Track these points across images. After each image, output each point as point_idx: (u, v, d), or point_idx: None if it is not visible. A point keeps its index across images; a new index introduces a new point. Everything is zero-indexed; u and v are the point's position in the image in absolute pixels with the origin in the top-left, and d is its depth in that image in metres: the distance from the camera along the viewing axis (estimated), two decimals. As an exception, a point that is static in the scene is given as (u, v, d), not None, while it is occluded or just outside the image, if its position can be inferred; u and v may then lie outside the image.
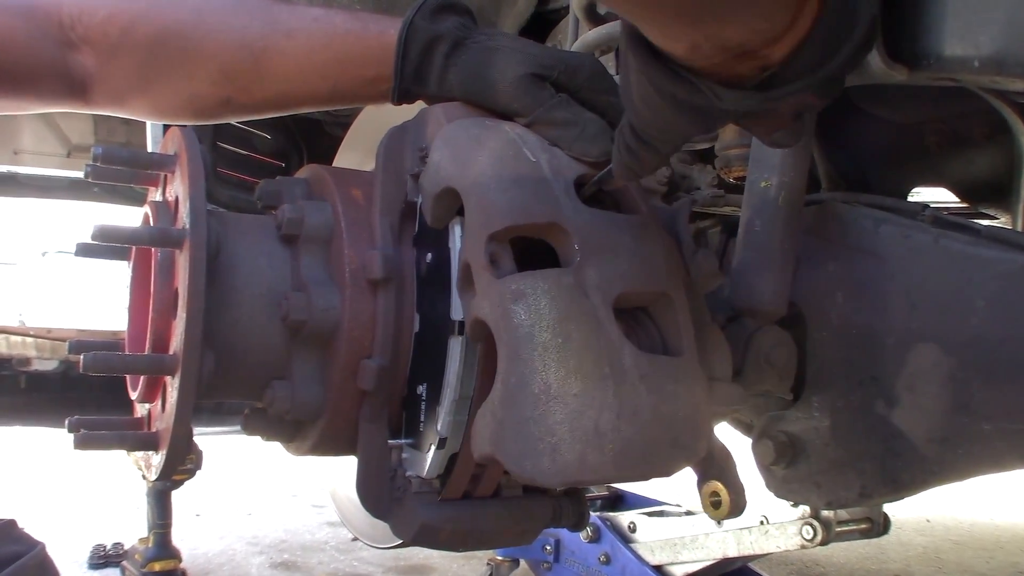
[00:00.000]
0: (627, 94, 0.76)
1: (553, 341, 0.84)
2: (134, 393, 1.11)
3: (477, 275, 0.89)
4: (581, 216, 0.91)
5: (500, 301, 0.86)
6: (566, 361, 0.84)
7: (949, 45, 1.06)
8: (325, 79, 1.11)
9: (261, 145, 2.47)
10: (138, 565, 2.86)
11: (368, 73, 1.09)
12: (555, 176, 0.93)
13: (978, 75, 1.04)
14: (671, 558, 2.38)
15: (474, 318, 0.90)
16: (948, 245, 1.12)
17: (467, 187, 0.92)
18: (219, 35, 1.10)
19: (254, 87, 1.12)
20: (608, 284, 0.89)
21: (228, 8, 1.12)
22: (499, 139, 0.95)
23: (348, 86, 1.11)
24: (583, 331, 0.85)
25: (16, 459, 5.08)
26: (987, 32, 1.01)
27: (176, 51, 1.10)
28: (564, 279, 0.87)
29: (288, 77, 1.11)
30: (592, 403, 0.83)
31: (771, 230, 1.16)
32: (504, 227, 0.88)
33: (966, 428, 1.10)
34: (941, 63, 1.07)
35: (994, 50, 1.01)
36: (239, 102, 1.14)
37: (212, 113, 1.16)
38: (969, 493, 4.13)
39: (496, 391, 0.86)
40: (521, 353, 0.84)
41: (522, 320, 0.85)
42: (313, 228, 1.05)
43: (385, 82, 1.08)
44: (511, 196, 0.90)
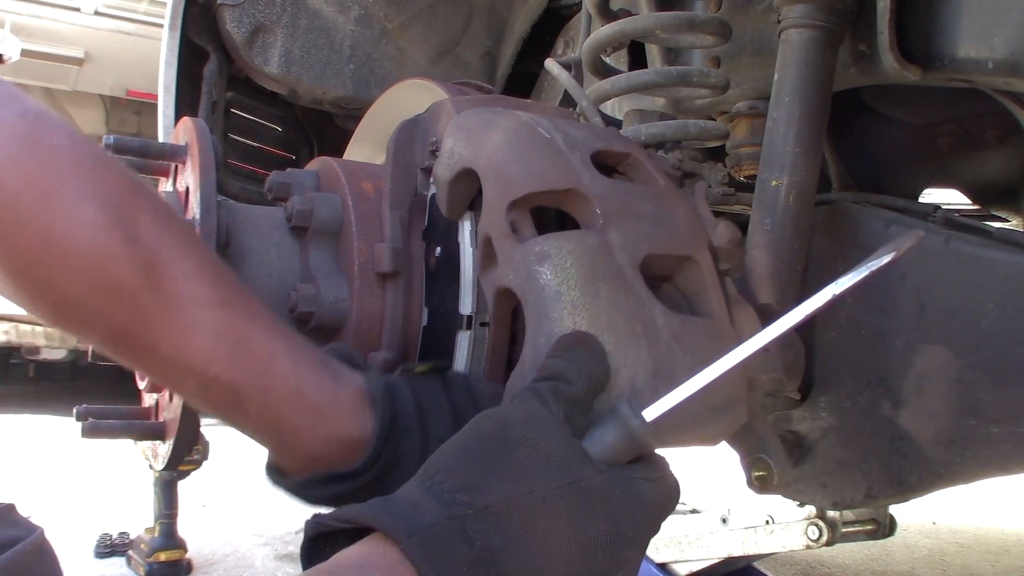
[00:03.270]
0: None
1: (582, 299, 0.81)
2: (142, 383, 1.11)
3: (499, 244, 0.87)
4: (600, 183, 0.89)
5: (525, 263, 0.83)
6: (598, 318, 0.80)
7: (963, 47, 1.05)
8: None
9: (271, 137, 2.48)
10: (144, 555, 2.87)
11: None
12: (571, 149, 0.91)
13: (992, 77, 1.04)
14: (676, 556, 2.38)
15: (498, 288, 0.87)
16: (959, 247, 1.12)
17: (483, 164, 0.90)
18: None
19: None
20: (633, 246, 0.86)
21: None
22: (512, 120, 0.94)
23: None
24: (612, 289, 0.82)
25: (24, 447, 5.10)
26: (1001, 34, 1.01)
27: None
28: (589, 240, 0.84)
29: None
30: (627, 361, 0.80)
31: (781, 229, 1.16)
32: (523, 194, 0.87)
33: (974, 431, 1.10)
34: (955, 64, 1.07)
35: (1008, 52, 1.00)
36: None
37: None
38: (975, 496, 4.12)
39: (526, 354, 0.83)
40: (550, 312, 0.81)
41: (548, 280, 0.82)
42: (323, 220, 1.05)
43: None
44: (528, 165, 0.88)
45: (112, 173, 0.81)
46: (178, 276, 0.80)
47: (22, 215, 0.76)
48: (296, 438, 0.85)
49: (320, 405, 0.85)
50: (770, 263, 1.16)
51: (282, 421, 0.84)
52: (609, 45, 1.38)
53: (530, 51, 2.31)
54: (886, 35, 1.09)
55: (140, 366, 0.87)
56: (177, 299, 0.80)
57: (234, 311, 0.83)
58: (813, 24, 1.13)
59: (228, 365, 0.82)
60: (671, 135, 1.40)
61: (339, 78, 2.22)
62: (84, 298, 0.79)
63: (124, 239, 0.78)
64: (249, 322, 0.84)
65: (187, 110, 2.10)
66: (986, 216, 1.89)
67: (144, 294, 0.79)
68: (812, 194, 1.18)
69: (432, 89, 1.17)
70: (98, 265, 0.78)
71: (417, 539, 0.62)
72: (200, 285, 0.81)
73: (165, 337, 0.80)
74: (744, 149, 1.46)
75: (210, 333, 0.81)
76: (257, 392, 0.83)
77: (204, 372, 0.81)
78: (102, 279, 0.78)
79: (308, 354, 0.87)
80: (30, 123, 0.78)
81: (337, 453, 0.85)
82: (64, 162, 0.78)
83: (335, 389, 0.86)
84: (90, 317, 0.80)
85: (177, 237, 0.82)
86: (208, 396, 0.84)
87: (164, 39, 2.10)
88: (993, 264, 1.09)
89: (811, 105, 1.15)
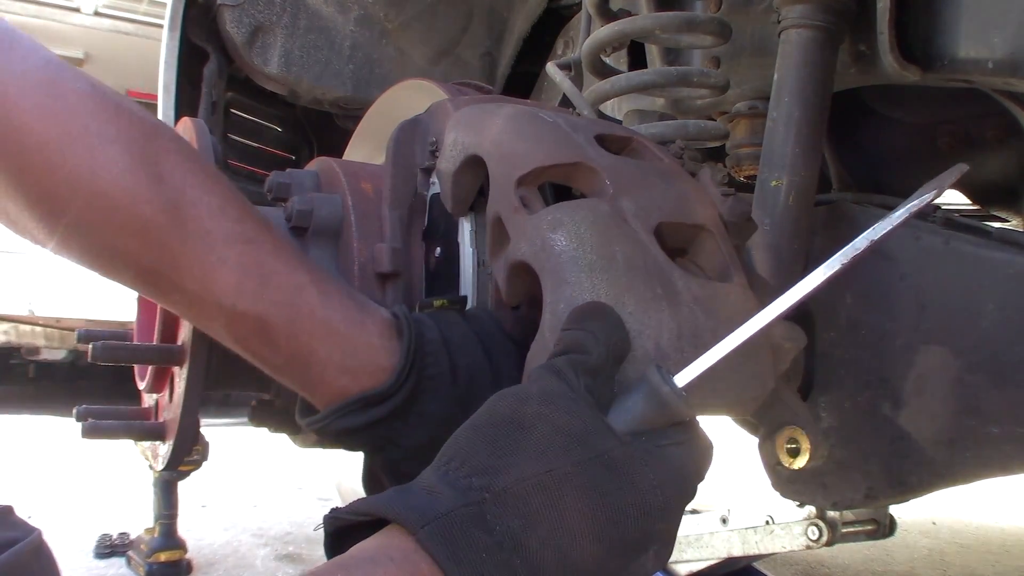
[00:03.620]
0: None
1: (600, 262, 0.79)
2: (142, 383, 1.11)
3: (510, 221, 0.85)
4: (607, 158, 0.89)
5: (539, 233, 0.82)
6: (616, 280, 0.78)
7: (963, 47, 1.05)
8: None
9: (271, 137, 2.48)
10: (144, 555, 2.86)
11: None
12: (574, 131, 0.91)
13: (992, 77, 1.04)
14: (675, 556, 2.37)
15: (512, 264, 0.85)
16: (959, 247, 1.12)
17: (488, 146, 0.90)
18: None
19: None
20: (646, 213, 0.85)
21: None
22: (512, 107, 0.94)
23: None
24: (629, 252, 0.80)
25: (24, 448, 5.10)
26: (1001, 34, 1.01)
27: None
28: (601, 207, 0.83)
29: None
30: (650, 322, 0.78)
31: (781, 229, 1.16)
32: (531, 169, 0.86)
33: (974, 431, 1.10)
34: (955, 64, 1.07)
35: (1008, 52, 1.00)
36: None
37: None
38: (976, 496, 4.12)
39: (545, 322, 0.81)
40: (568, 277, 0.79)
41: (564, 246, 0.80)
42: (322, 221, 1.05)
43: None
44: (534, 143, 0.88)
45: (135, 117, 0.83)
46: (203, 214, 0.82)
47: (48, 160, 0.78)
48: (325, 370, 0.86)
49: (348, 335, 0.86)
50: (770, 263, 1.16)
51: (311, 354, 0.85)
52: (609, 45, 1.38)
53: (530, 51, 2.31)
54: (886, 35, 1.09)
55: (170, 304, 0.88)
56: (202, 236, 0.82)
57: (260, 246, 0.84)
58: (813, 24, 1.13)
59: (255, 300, 0.83)
60: (671, 135, 1.40)
61: (339, 78, 2.22)
62: (111, 240, 0.81)
63: (149, 179, 0.80)
64: (275, 257, 0.85)
65: (187, 110, 2.11)
66: (986, 216, 1.89)
67: (170, 233, 0.81)
68: (812, 194, 1.18)
69: (432, 89, 1.17)
70: (124, 206, 0.79)
71: (432, 527, 0.61)
72: (225, 222, 0.83)
73: (192, 274, 0.82)
74: (744, 149, 1.46)
75: (236, 268, 0.82)
76: (285, 325, 0.84)
77: (232, 307, 0.83)
78: (128, 220, 0.80)
79: (335, 287, 0.88)
80: (53, 72, 0.80)
81: (366, 384, 0.86)
82: (87, 108, 0.80)
83: (362, 319, 0.87)
84: (118, 258, 0.82)
85: (201, 176, 0.84)
86: (236, 332, 0.85)
87: (164, 39, 2.10)
88: (993, 264, 1.09)
89: (811, 105, 1.15)
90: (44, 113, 0.78)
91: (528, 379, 0.74)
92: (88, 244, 0.82)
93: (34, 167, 0.78)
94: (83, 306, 6.18)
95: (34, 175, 0.78)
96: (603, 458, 0.67)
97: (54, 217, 0.80)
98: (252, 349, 0.87)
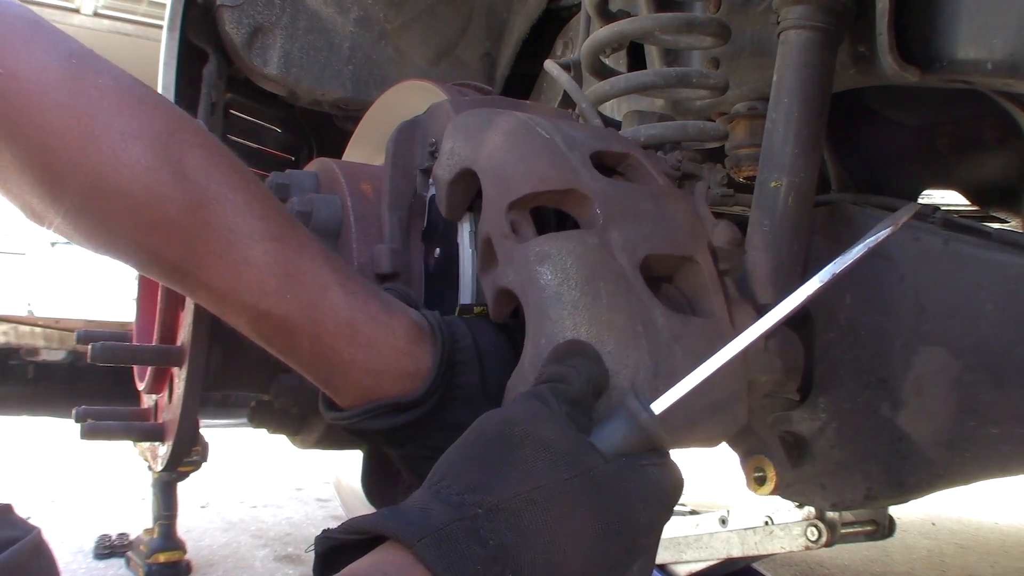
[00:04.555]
0: None
1: (583, 299, 0.81)
2: (141, 384, 1.11)
3: (499, 245, 0.87)
4: (600, 183, 0.89)
5: (525, 264, 0.83)
6: (598, 318, 0.81)
7: (962, 48, 1.05)
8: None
9: (271, 138, 2.48)
10: (143, 556, 2.86)
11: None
12: (570, 149, 0.91)
13: (991, 78, 1.04)
14: (675, 557, 2.37)
15: (498, 289, 0.87)
16: (958, 248, 1.12)
17: (483, 164, 0.90)
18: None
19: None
20: (633, 246, 0.86)
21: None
22: (511, 120, 0.94)
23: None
24: (612, 289, 0.82)
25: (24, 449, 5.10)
26: (1000, 35, 1.01)
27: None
28: (589, 239, 0.85)
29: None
30: (627, 361, 0.80)
31: (780, 230, 1.16)
32: (523, 195, 0.87)
33: (973, 432, 1.10)
34: (954, 66, 1.07)
35: (1007, 53, 1.00)
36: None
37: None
38: (975, 497, 4.12)
39: (526, 354, 0.83)
40: (550, 313, 0.81)
41: (549, 280, 0.82)
42: (322, 221, 1.05)
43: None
44: (528, 165, 0.88)
45: (158, 111, 0.82)
46: (227, 211, 0.81)
47: (72, 158, 0.77)
48: (348, 372, 0.85)
49: (373, 338, 0.85)
50: (769, 264, 1.16)
51: (334, 355, 0.84)
52: (608, 46, 1.38)
53: (529, 52, 2.31)
54: (885, 36, 1.09)
55: (197, 299, 0.88)
56: (227, 235, 0.81)
57: (285, 244, 0.83)
58: (812, 25, 1.13)
59: (280, 299, 0.82)
60: (670, 136, 1.40)
61: (338, 79, 2.23)
62: (137, 237, 0.80)
63: (172, 177, 0.79)
64: (300, 255, 0.84)
65: (186, 111, 2.10)
66: (985, 217, 1.89)
67: (194, 231, 0.80)
68: (811, 195, 1.18)
69: (431, 90, 1.17)
70: (148, 204, 0.79)
71: (428, 541, 0.61)
72: (250, 219, 0.82)
73: (217, 273, 0.81)
74: (743, 150, 1.46)
75: (261, 267, 0.82)
76: (309, 325, 0.83)
77: (256, 306, 0.82)
78: (153, 218, 0.79)
79: (360, 287, 0.87)
80: (76, 67, 0.78)
81: (390, 387, 0.85)
82: (110, 103, 0.79)
83: (388, 321, 0.86)
84: (144, 255, 0.82)
85: (225, 172, 0.83)
86: (261, 330, 0.85)
87: (163, 40, 2.10)
88: (992, 265, 1.09)
89: (810, 106, 1.15)
90: (65, 111, 0.77)
91: (510, 404, 0.75)
92: (114, 241, 0.82)
93: (57, 166, 0.77)
94: (82, 307, 6.18)
95: (57, 173, 0.78)
96: (590, 475, 0.68)
97: (79, 214, 0.80)
98: (277, 346, 0.86)
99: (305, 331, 0.83)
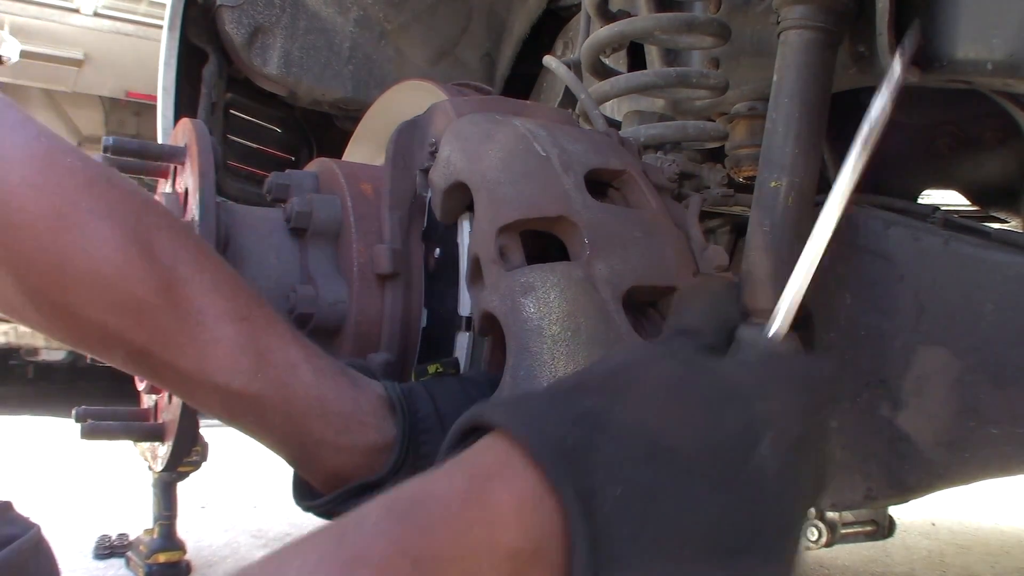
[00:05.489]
0: None
1: (563, 335, 0.83)
2: (141, 384, 1.11)
3: (487, 268, 0.88)
4: (590, 210, 0.91)
5: (510, 294, 0.86)
6: (575, 355, 0.83)
7: (962, 47, 1.05)
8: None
9: (271, 138, 2.48)
10: (143, 556, 2.86)
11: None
12: (565, 170, 0.92)
13: (991, 78, 1.04)
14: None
15: (483, 311, 0.89)
16: (958, 248, 1.12)
17: (477, 181, 0.91)
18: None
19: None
20: (618, 278, 0.88)
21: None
22: (509, 134, 0.95)
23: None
24: (592, 325, 0.85)
25: (23, 449, 5.10)
26: (1000, 35, 1.01)
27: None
28: (574, 272, 0.86)
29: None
30: None
31: (780, 231, 1.16)
32: (514, 220, 0.88)
33: (973, 432, 1.10)
34: (954, 65, 1.07)
35: (1007, 53, 1.00)
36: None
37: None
38: (975, 497, 4.12)
39: (505, 383, 0.86)
40: (530, 346, 0.84)
41: (531, 313, 0.84)
42: (322, 222, 1.05)
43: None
44: (521, 189, 0.89)
45: (125, 193, 0.81)
46: (196, 292, 0.80)
47: (39, 237, 0.76)
48: (320, 449, 0.85)
49: (343, 413, 0.85)
50: (769, 264, 1.16)
51: (306, 432, 0.84)
52: (608, 46, 1.38)
53: (529, 52, 2.31)
54: (885, 36, 1.09)
55: (162, 383, 0.87)
56: (196, 315, 0.80)
57: (253, 323, 0.83)
58: (812, 25, 1.13)
59: (251, 378, 0.82)
60: (670, 136, 1.40)
61: (338, 79, 2.22)
62: (103, 319, 0.79)
63: (141, 257, 0.78)
64: (268, 334, 0.84)
65: (186, 111, 2.10)
66: (985, 217, 1.89)
67: (163, 312, 0.79)
68: (811, 195, 1.18)
69: (431, 90, 1.17)
70: (116, 285, 0.78)
71: (509, 413, 0.59)
72: (218, 299, 0.81)
73: (186, 354, 0.80)
74: (743, 150, 1.46)
75: (231, 347, 0.81)
76: (280, 403, 0.83)
77: (227, 386, 0.81)
78: (121, 299, 0.78)
79: (328, 363, 0.87)
80: (44, 147, 0.78)
81: (361, 463, 0.85)
82: (78, 183, 0.78)
83: (356, 397, 0.86)
84: (110, 338, 0.80)
85: (193, 252, 0.82)
86: (232, 410, 0.84)
87: (163, 40, 2.10)
88: (992, 265, 1.09)
89: (810, 106, 1.15)
90: (34, 190, 0.76)
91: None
92: (78, 324, 0.80)
93: (24, 244, 0.76)
94: (82, 307, 6.16)
95: (24, 253, 0.76)
96: (694, 360, 0.67)
97: (43, 295, 0.78)
98: (248, 426, 0.86)
99: (278, 409, 0.83)
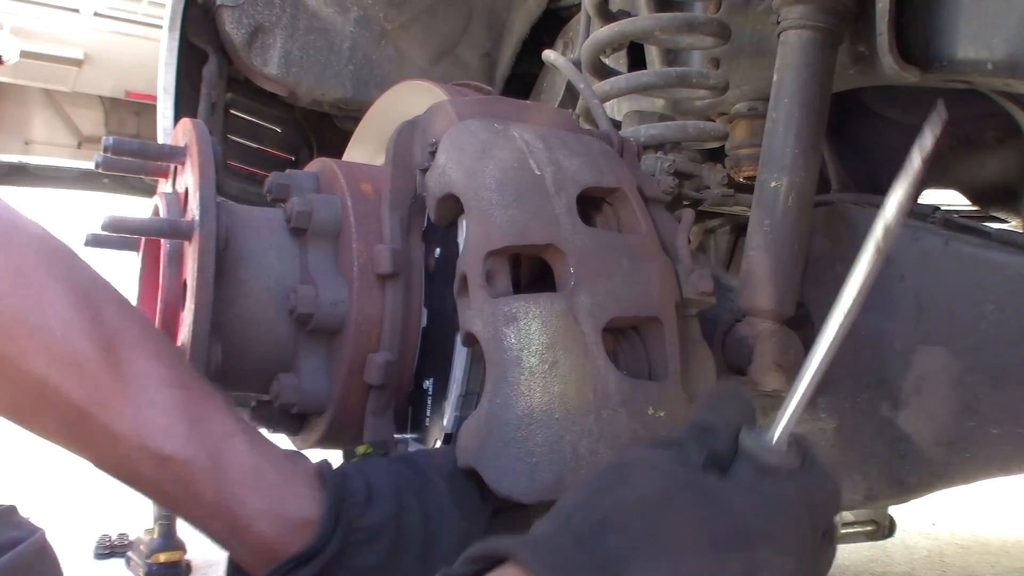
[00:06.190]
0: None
1: (540, 367, 0.86)
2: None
3: (473, 291, 0.90)
4: (579, 237, 0.92)
5: (492, 322, 0.87)
6: (550, 388, 0.85)
7: (962, 48, 1.05)
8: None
9: (271, 138, 2.48)
10: (143, 556, 2.86)
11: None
12: (558, 191, 0.93)
13: (991, 78, 1.04)
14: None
15: (467, 331, 0.91)
16: (958, 248, 1.12)
17: (470, 199, 0.92)
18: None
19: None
20: (599, 310, 0.90)
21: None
22: (506, 148, 0.95)
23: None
24: (570, 358, 0.87)
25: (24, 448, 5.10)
26: (1000, 35, 1.01)
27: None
28: (556, 305, 0.88)
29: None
30: (572, 428, 0.85)
31: (780, 230, 1.16)
32: (502, 246, 0.90)
33: (973, 432, 1.10)
34: (954, 65, 1.07)
35: (1007, 53, 1.00)
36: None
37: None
38: (975, 498, 4.12)
39: (482, 408, 0.87)
40: (508, 376, 0.86)
41: (511, 344, 0.86)
42: (322, 222, 1.05)
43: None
44: (512, 214, 0.90)
45: (81, 265, 0.86)
46: (138, 356, 0.83)
47: None
48: (253, 521, 0.85)
49: (277, 484, 0.85)
50: (769, 264, 1.16)
51: (238, 503, 0.84)
52: (608, 46, 1.38)
53: (529, 52, 2.31)
54: (885, 36, 1.09)
55: (92, 453, 0.87)
56: (136, 377, 0.83)
57: (191, 392, 0.85)
58: (812, 25, 1.13)
59: (185, 443, 0.83)
60: (670, 136, 1.41)
61: (338, 79, 2.22)
62: (45, 373, 0.80)
63: (89, 318, 0.82)
64: (206, 403, 0.86)
65: (186, 111, 2.10)
66: (985, 217, 1.89)
67: (104, 370, 0.82)
68: (811, 195, 1.18)
69: (431, 90, 1.17)
70: (64, 339, 0.81)
71: (535, 549, 0.61)
72: (159, 366, 0.84)
73: (123, 415, 0.82)
74: (743, 150, 1.46)
75: (168, 411, 0.83)
76: (213, 471, 0.84)
77: (160, 450, 0.82)
78: (66, 353, 0.81)
79: (262, 437, 0.88)
80: (6, 217, 0.82)
81: (294, 537, 0.84)
82: (39, 248, 0.83)
83: (292, 469, 0.87)
84: (48, 396, 0.82)
85: (138, 325, 0.86)
86: (162, 477, 0.84)
87: (163, 40, 2.10)
88: (992, 265, 1.09)
89: (810, 106, 1.15)
90: None
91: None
92: (19, 378, 0.81)
93: None
94: (82, 307, 6.16)
95: None
96: (699, 485, 0.67)
97: None
98: (178, 496, 0.85)
99: (210, 478, 0.83)
